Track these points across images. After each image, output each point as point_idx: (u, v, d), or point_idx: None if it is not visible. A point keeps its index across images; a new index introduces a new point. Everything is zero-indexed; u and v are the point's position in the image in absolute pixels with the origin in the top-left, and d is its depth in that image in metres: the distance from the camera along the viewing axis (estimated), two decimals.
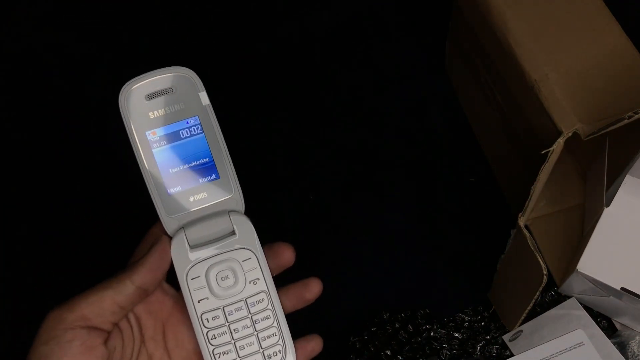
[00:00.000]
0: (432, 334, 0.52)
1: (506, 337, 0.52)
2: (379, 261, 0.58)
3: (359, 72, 0.69)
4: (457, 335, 0.53)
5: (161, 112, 0.36)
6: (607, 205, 0.49)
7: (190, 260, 0.36)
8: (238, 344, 0.36)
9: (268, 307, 0.37)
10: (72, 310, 0.33)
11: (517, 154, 0.55)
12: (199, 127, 0.36)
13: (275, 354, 0.37)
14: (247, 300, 0.37)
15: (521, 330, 0.52)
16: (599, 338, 0.50)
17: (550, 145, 0.43)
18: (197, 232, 0.36)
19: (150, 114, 0.36)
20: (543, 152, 0.43)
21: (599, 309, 0.52)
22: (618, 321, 0.52)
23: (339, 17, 0.73)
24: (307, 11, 0.73)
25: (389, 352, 0.52)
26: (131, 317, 0.36)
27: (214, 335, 0.36)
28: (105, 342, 0.34)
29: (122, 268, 0.35)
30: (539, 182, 0.44)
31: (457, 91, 0.66)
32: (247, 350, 0.36)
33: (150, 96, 0.36)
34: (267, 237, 0.42)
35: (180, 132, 0.36)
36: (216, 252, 0.36)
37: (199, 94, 0.36)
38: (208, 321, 0.36)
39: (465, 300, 0.55)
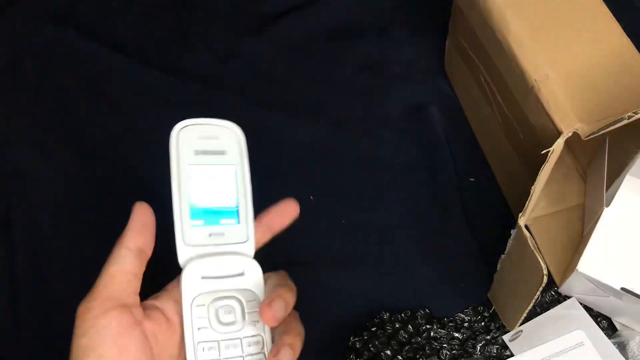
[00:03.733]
0: (432, 334, 0.52)
1: (506, 337, 0.52)
2: (379, 261, 0.58)
3: (358, 72, 0.69)
4: (457, 335, 0.53)
5: (205, 153, 0.39)
6: (607, 205, 0.49)
7: (198, 288, 0.37)
8: None
9: (262, 351, 0.38)
10: (95, 298, 0.34)
11: (517, 154, 0.55)
12: (234, 175, 0.40)
13: None
14: (243, 339, 0.37)
15: (521, 330, 0.52)
16: (599, 338, 0.50)
17: (550, 145, 0.43)
18: (210, 265, 0.38)
19: (196, 152, 0.39)
20: (543, 152, 0.43)
21: (599, 309, 0.52)
22: (618, 321, 0.52)
23: (339, 17, 0.73)
24: (306, 10, 0.73)
25: (389, 352, 0.52)
26: (168, 300, 0.38)
27: None
28: (140, 324, 0.35)
29: None
30: (539, 182, 0.44)
31: (457, 91, 0.66)
32: None
33: (201, 137, 0.39)
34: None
35: (217, 175, 0.39)
36: (224, 287, 0.38)
37: (242, 149, 0.40)
38: (203, 350, 0.36)
39: (465, 300, 0.55)
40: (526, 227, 0.45)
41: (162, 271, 0.38)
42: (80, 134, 0.65)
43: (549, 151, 0.43)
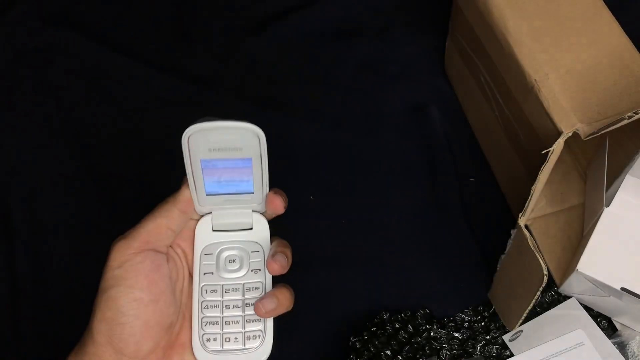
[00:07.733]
0: (432, 334, 0.52)
1: (506, 337, 0.52)
2: (379, 261, 0.58)
3: (359, 72, 0.69)
4: (457, 335, 0.53)
5: (220, 150, 0.39)
6: (607, 205, 0.49)
7: (208, 238, 0.42)
8: (225, 319, 0.41)
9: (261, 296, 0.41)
10: (136, 238, 0.39)
11: (517, 154, 0.55)
12: (250, 166, 0.40)
13: (254, 337, 0.41)
14: (245, 285, 0.41)
15: (521, 330, 0.52)
16: (599, 338, 0.50)
17: (550, 145, 0.43)
18: (221, 218, 0.42)
19: (209, 149, 0.39)
20: (543, 152, 0.43)
21: (599, 309, 0.52)
22: (618, 321, 0.52)
23: (339, 17, 0.73)
24: (306, 11, 0.73)
25: (389, 352, 0.52)
26: (178, 249, 0.42)
27: (207, 305, 0.41)
28: (166, 265, 0.40)
29: None
30: (539, 182, 0.44)
31: (457, 91, 0.66)
32: (231, 328, 0.41)
33: (214, 141, 0.38)
34: None
35: (232, 164, 0.40)
36: (232, 239, 0.42)
37: (260, 148, 0.39)
38: (206, 292, 0.41)
39: (465, 300, 0.55)
40: (526, 227, 0.45)
41: None
42: (80, 134, 0.65)
43: (549, 151, 0.43)
